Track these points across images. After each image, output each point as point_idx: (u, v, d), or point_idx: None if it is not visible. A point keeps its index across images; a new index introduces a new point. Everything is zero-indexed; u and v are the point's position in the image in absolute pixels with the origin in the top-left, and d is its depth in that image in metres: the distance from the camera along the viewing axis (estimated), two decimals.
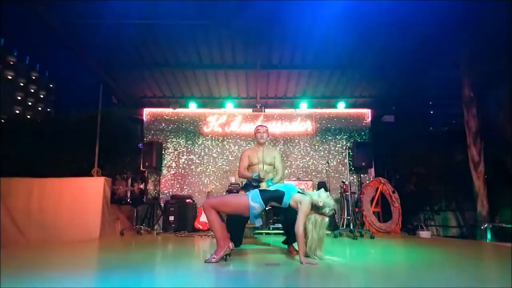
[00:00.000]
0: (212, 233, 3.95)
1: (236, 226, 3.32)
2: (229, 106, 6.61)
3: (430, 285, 1.89)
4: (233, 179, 6.14)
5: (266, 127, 3.84)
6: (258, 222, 2.63)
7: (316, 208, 2.59)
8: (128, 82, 6.33)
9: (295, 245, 2.90)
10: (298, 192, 2.65)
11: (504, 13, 4.23)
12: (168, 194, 6.37)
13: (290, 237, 3.00)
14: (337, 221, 5.98)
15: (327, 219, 2.61)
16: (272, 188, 2.76)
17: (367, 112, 6.84)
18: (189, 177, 6.57)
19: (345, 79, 6.17)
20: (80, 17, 4.56)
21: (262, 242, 4.14)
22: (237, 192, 5.12)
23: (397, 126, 7.60)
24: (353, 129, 6.77)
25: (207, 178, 6.57)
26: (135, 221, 5.48)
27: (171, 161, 6.63)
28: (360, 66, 5.74)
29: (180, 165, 6.62)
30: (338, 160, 6.63)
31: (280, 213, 4.10)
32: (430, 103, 42.80)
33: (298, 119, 6.74)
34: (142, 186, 5.24)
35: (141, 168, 6.28)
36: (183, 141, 6.72)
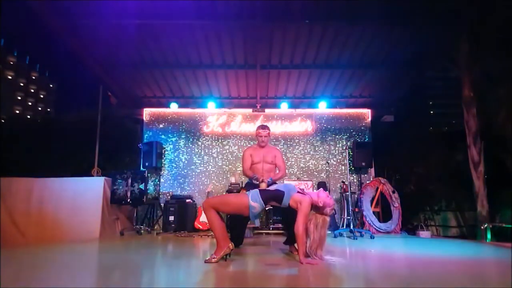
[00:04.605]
0: (212, 233, 3.95)
1: (237, 226, 3.33)
2: (229, 106, 6.61)
3: (430, 285, 1.89)
4: (233, 179, 6.14)
5: (268, 130, 3.71)
6: (258, 222, 2.64)
7: (316, 208, 2.59)
8: (128, 82, 6.32)
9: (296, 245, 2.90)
10: (298, 192, 2.65)
11: (504, 12, 4.24)
12: (168, 194, 6.37)
13: (291, 237, 2.99)
14: (337, 221, 5.98)
15: (328, 219, 2.61)
16: (272, 188, 2.76)
17: (367, 112, 6.83)
18: (189, 177, 6.57)
19: (345, 79, 6.17)
20: (80, 17, 4.55)
21: (262, 242, 4.14)
22: (238, 192, 5.12)
23: (397, 126, 7.61)
24: (353, 129, 6.76)
25: (207, 178, 6.57)
26: (135, 221, 5.48)
27: (171, 161, 6.63)
28: (360, 66, 5.74)
29: (180, 165, 6.62)
30: (338, 160, 6.63)
31: (281, 213, 4.10)
32: (430, 103, 42.87)
33: (298, 119, 6.74)
34: (142, 186, 5.24)
35: (141, 168, 6.28)
36: (183, 141, 6.72)
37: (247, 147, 3.92)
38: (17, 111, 41.84)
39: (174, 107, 6.60)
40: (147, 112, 6.83)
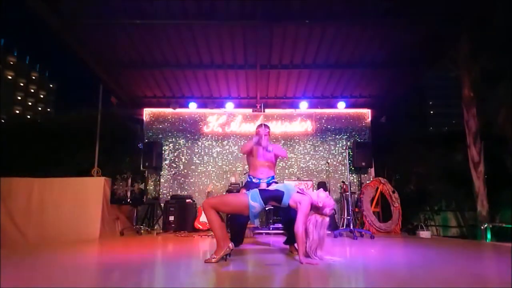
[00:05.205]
0: (212, 233, 3.95)
1: (237, 226, 3.33)
2: (229, 106, 6.60)
3: (430, 285, 1.89)
4: (233, 179, 6.14)
5: (268, 128, 3.62)
6: (257, 222, 2.65)
7: (316, 208, 2.59)
8: (128, 82, 6.32)
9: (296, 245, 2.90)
10: (298, 192, 2.65)
11: (504, 11, 4.24)
12: (168, 194, 6.37)
13: (291, 237, 2.99)
14: (337, 221, 5.98)
15: (327, 218, 2.61)
16: (271, 187, 2.76)
17: (367, 112, 6.84)
18: (189, 177, 6.57)
19: (345, 79, 6.17)
20: (80, 17, 4.55)
21: (262, 242, 4.14)
22: (238, 192, 5.11)
23: (397, 126, 7.60)
24: (353, 129, 6.76)
25: (207, 178, 6.57)
26: (135, 221, 5.48)
27: (171, 161, 6.63)
28: (360, 66, 5.73)
29: (180, 165, 6.62)
30: (338, 160, 6.63)
31: (280, 213, 4.09)
32: (430, 103, 42.90)
33: (298, 119, 6.74)
34: (142, 186, 5.24)
35: (141, 168, 6.28)
36: (183, 141, 6.72)
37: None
38: (17, 111, 41.85)
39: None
40: (147, 112, 6.83)
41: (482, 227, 4.67)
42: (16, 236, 4.41)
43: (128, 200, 5.17)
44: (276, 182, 3.49)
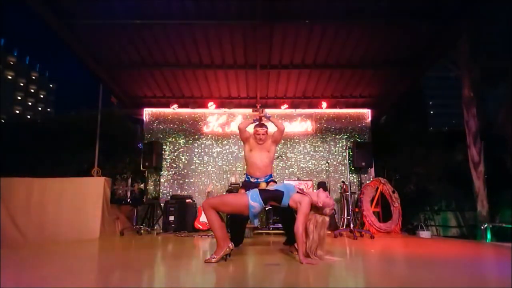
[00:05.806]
0: (212, 233, 3.95)
1: (237, 226, 3.32)
2: (229, 106, 6.60)
3: (430, 285, 1.89)
4: (233, 179, 6.14)
5: (266, 128, 3.59)
6: (257, 222, 2.65)
7: (316, 208, 2.59)
8: (128, 82, 6.32)
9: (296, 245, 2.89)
10: (298, 192, 2.65)
11: (504, 11, 4.24)
12: (168, 194, 6.37)
13: (291, 237, 2.99)
14: (337, 221, 5.98)
15: (327, 219, 2.61)
16: (271, 187, 2.76)
17: (367, 112, 6.84)
18: (189, 177, 6.57)
19: (345, 79, 6.17)
20: (80, 17, 4.56)
21: (262, 242, 4.14)
22: (237, 191, 5.11)
23: (397, 126, 7.61)
24: (353, 129, 6.76)
25: (207, 178, 6.57)
26: (135, 221, 5.48)
27: (171, 161, 6.63)
28: (360, 66, 5.73)
29: (180, 165, 6.62)
30: (338, 160, 6.63)
31: (280, 213, 4.08)
32: (430, 103, 42.88)
33: (298, 119, 6.74)
34: (142, 186, 5.24)
35: (141, 168, 6.28)
36: (183, 141, 6.72)
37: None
38: (17, 111, 41.87)
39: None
40: (147, 112, 6.83)
41: (482, 227, 4.68)
42: (16, 236, 4.41)
43: (128, 200, 5.17)
44: (275, 181, 3.49)
